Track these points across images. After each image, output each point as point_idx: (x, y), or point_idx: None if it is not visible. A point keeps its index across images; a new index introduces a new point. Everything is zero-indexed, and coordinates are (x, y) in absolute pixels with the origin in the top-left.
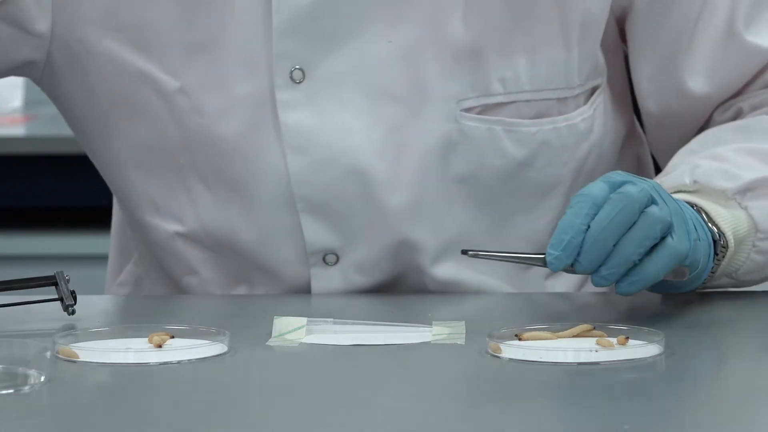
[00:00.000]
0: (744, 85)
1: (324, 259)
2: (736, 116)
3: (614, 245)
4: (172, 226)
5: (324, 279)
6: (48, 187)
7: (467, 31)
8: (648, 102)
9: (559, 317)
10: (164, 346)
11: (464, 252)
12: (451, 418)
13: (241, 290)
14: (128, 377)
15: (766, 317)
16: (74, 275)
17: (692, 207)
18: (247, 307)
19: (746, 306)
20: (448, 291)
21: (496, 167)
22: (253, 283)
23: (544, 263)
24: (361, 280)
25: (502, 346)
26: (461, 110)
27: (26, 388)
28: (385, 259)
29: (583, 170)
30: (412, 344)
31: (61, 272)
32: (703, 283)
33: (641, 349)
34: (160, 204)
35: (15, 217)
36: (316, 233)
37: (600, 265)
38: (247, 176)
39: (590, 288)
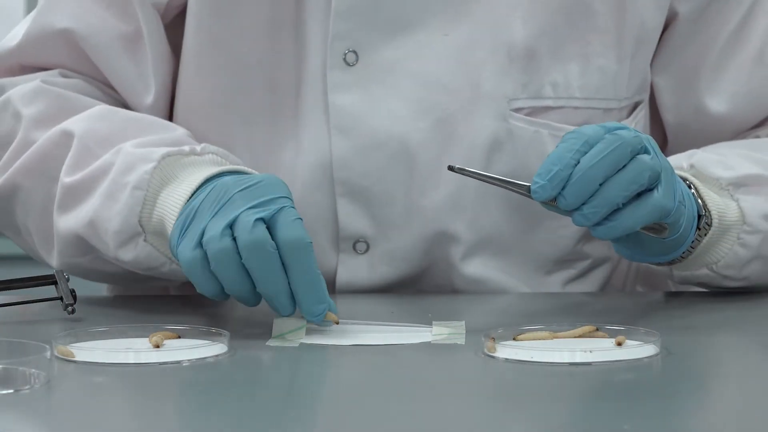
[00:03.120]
0: (766, 117)
1: (354, 247)
2: None
3: (600, 185)
4: None
5: (351, 267)
6: None
7: (524, 33)
8: (667, 114)
9: (555, 317)
10: (164, 346)
11: (450, 168)
12: (451, 418)
13: None
14: (128, 377)
15: (761, 318)
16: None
17: (684, 182)
18: (247, 307)
19: (741, 307)
20: (471, 289)
21: (536, 170)
22: None
23: (528, 191)
24: (387, 271)
25: (497, 347)
26: (511, 110)
27: (26, 388)
28: (416, 250)
29: None
30: (412, 344)
31: (61, 271)
32: (681, 257)
33: (637, 349)
34: None
35: None
36: (351, 219)
37: (583, 204)
38: (288, 154)
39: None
